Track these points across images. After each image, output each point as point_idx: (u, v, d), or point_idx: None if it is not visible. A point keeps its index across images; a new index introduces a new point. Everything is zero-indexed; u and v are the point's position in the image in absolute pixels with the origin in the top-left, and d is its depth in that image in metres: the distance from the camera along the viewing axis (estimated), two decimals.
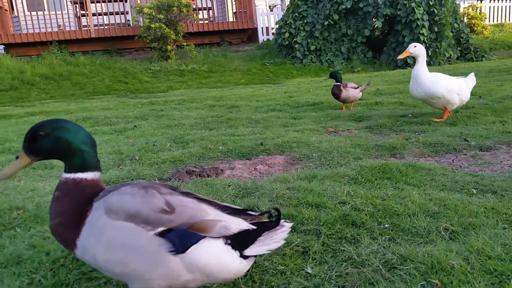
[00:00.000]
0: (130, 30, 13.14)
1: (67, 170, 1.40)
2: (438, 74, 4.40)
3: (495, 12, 17.12)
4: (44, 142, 1.37)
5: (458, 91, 4.35)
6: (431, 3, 11.81)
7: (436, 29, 11.86)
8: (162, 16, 11.81)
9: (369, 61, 12.61)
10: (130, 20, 14.03)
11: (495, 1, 17.08)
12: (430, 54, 11.84)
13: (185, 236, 1.32)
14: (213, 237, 1.34)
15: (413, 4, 11.57)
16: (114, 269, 1.34)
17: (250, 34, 15.14)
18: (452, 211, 2.11)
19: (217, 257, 1.34)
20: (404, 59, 11.32)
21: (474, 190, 2.44)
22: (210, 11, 15.03)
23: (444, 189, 2.49)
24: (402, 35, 11.85)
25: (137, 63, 12.40)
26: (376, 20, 12.21)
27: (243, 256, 1.38)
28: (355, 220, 2.06)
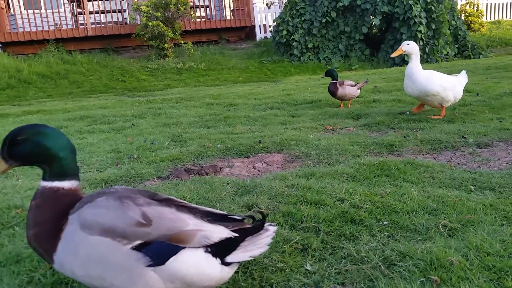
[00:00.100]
0: (127, 28, 13.10)
1: (45, 178, 1.38)
2: (432, 72, 4.44)
3: (492, 9, 17.13)
4: (22, 147, 1.35)
5: (452, 89, 4.39)
6: (428, 1, 11.81)
7: (434, 27, 11.88)
8: (159, 14, 11.78)
9: (367, 58, 12.62)
10: (127, 18, 13.99)
11: None
12: (427, 51, 11.86)
13: (163, 248, 1.29)
14: (193, 247, 1.32)
15: (411, 1, 11.58)
16: (93, 283, 1.33)
17: (248, 32, 15.12)
18: (450, 208, 2.12)
19: (197, 266, 1.32)
20: (402, 56, 11.33)
21: (472, 187, 2.45)
22: (208, 9, 15.00)
23: (442, 186, 2.50)
24: (399, 33, 11.86)
25: (135, 61, 12.36)
26: (374, 17, 12.22)
27: (224, 263, 1.36)
28: (354, 217, 2.06)
